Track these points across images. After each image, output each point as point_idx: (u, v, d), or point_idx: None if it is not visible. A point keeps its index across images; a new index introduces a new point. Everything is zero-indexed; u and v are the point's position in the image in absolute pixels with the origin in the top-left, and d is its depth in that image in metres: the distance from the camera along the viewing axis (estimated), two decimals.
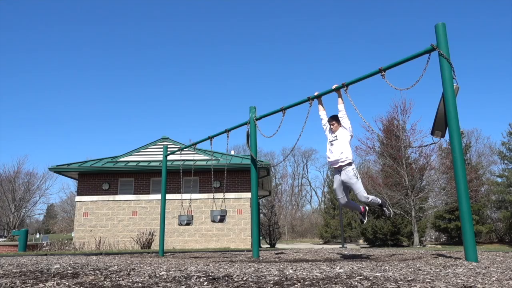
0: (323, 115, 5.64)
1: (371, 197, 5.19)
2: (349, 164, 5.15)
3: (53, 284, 3.02)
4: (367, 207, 5.67)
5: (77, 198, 17.66)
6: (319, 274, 3.26)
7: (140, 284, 2.89)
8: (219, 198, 15.57)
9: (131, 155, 18.29)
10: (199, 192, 17.28)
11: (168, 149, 10.36)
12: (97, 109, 78.75)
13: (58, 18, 71.36)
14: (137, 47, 75.85)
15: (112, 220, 17.13)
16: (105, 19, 73.93)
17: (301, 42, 76.15)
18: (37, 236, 41.63)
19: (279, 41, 77.31)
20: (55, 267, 4.67)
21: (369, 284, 2.60)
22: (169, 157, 17.09)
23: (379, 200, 5.37)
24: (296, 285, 2.61)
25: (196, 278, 3.17)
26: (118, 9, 74.00)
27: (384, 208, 5.39)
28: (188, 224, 8.70)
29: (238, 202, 17.10)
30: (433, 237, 33.67)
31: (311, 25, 76.30)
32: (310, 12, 75.28)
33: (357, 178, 5.11)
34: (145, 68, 77.46)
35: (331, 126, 5.35)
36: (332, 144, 5.28)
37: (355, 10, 74.17)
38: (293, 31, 77.16)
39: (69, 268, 4.44)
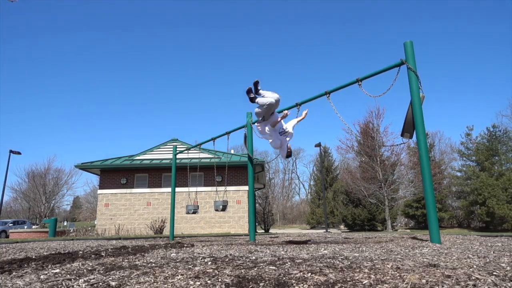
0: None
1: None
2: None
3: (78, 264, 3.01)
4: None
5: (99, 191, 17.56)
6: (306, 255, 3.27)
7: (153, 264, 2.88)
8: (221, 191, 15.54)
9: (146, 154, 18.23)
10: (204, 186, 17.22)
11: (177, 149, 10.35)
12: (116, 111, 77.48)
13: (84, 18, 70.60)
14: (150, 52, 74.92)
15: (129, 210, 17.04)
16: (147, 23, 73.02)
17: (300, 45, 73.97)
18: (65, 223, 41.38)
19: (266, 47, 75.19)
20: (80, 250, 4.65)
21: (349, 263, 2.60)
22: (178, 156, 17.08)
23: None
24: (287, 264, 2.61)
25: (201, 259, 3.16)
26: (130, 13, 73.23)
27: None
28: (194, 212, 8.68)
29: (237, 194, 17.06)
30: (403, 223, 33.77)
31: (311, 29, 74.19)
32: (313, 16, 73.30)
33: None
34: (159, 72, 76.25)
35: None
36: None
37: (346, 15, 73.66)
38: (290, 36, 74.90)
39: (93, 250, 4.41)
